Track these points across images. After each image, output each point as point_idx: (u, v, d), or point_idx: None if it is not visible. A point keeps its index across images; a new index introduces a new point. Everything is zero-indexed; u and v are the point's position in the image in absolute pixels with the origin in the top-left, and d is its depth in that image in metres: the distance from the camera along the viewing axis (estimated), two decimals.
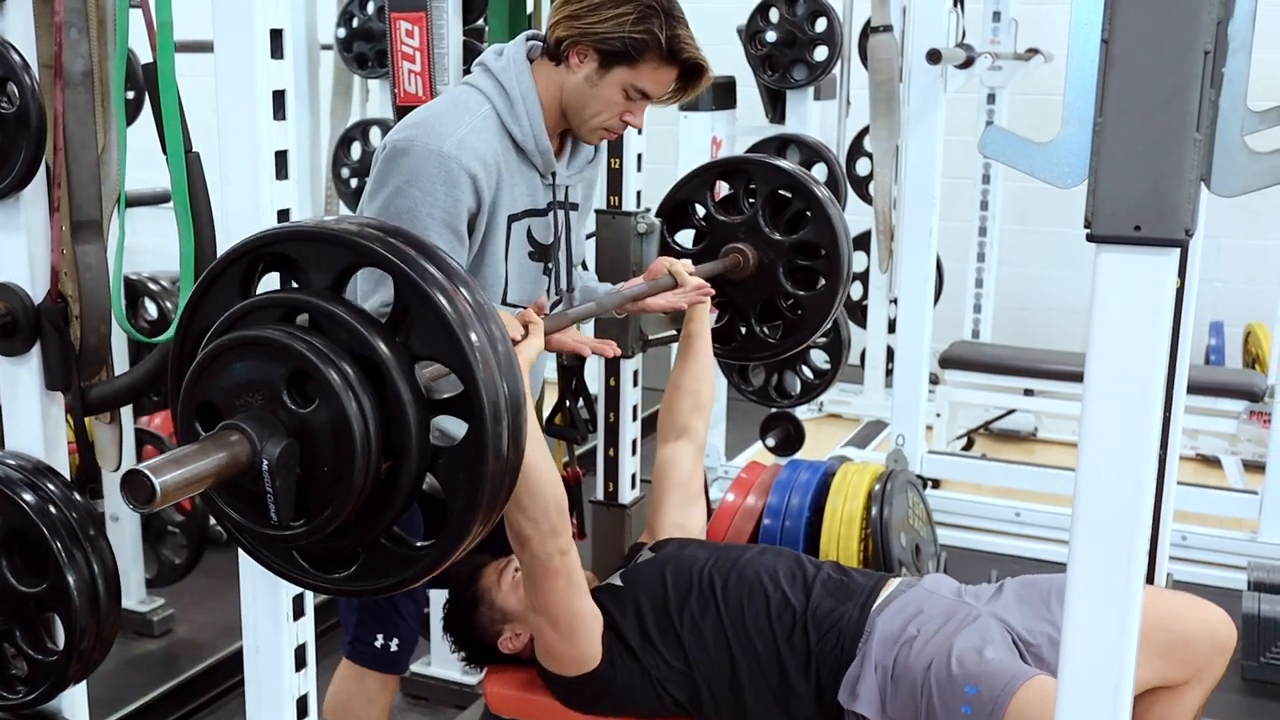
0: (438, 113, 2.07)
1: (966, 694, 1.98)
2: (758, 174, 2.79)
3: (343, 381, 1.35)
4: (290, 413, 1.37)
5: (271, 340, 1.38)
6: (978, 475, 4.37)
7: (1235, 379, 4.43)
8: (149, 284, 3.37)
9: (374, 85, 4.74)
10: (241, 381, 1.40)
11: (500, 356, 1.40)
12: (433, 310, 1.37)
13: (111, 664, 3.09)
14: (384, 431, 1.38)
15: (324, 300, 1.40)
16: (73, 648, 1.88)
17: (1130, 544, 1.28)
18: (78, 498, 1.91)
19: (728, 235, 2.78)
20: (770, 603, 2.18)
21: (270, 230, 1.48)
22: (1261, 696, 3.08)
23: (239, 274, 1.46)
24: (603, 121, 2.14)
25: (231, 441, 1.35)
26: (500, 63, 2.14)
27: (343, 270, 1.42)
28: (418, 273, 1.37)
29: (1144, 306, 1.24)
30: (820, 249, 2.74)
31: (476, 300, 1.41)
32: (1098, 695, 1.31)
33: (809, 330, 2.81)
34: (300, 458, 1.37)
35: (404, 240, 1.41)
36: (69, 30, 1.85)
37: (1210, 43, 1.16)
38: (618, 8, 2.05)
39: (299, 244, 1.43)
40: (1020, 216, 5.48)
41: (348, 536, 1.44)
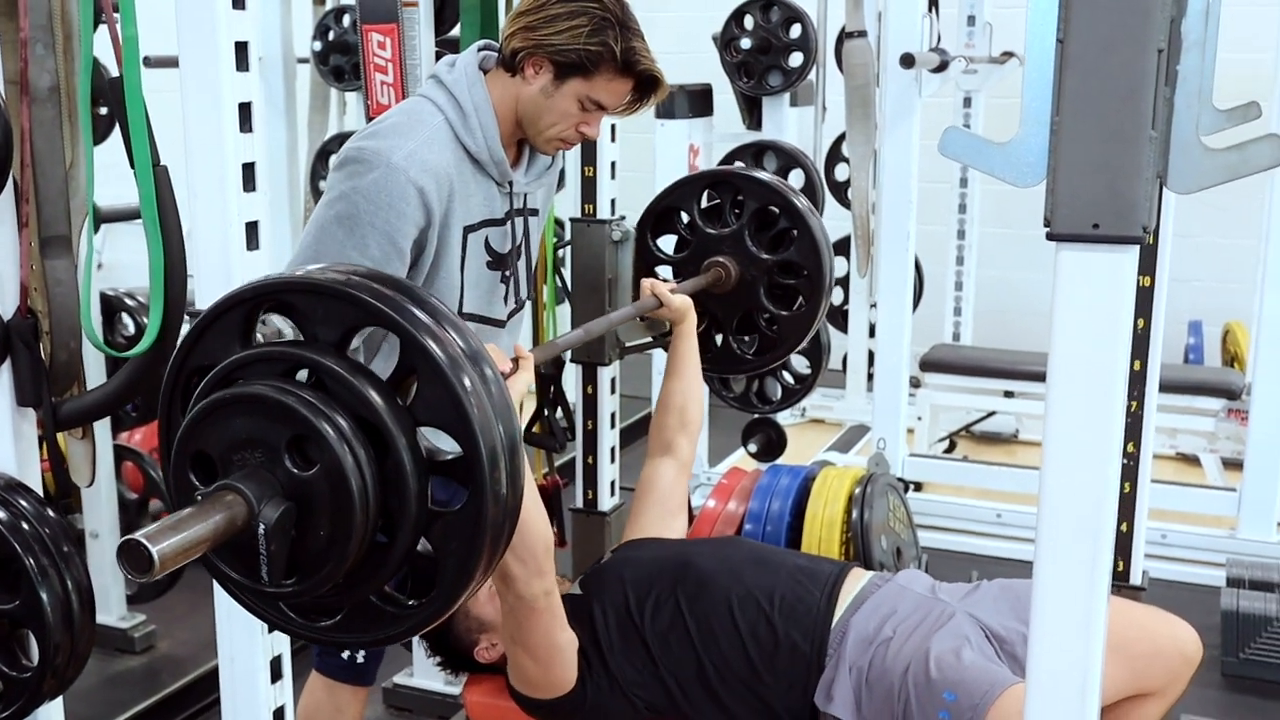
0: (392, 124, 2.07)
1: (945, 700, 1.98)
2: (747, 188, 2.79)
3: (346, 449, 1.33)
4: (289, 474, 1.35)
5: (275, 401, 1.35)
6: (959, 477, 4.38)
7: (1213, 377, 4.46)
8: (125, 299, 3.36)
9: (351, 98, 4.74)
10: (240, 437, 1.37)
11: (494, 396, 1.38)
12: (444, 386, 1.35)
13: (92, 680, 3.10)
14: (383, 496, 1.36)
15: (328, 358, 1.38)
16: (47, 664, 1.88)
17: (1095, 541, 1.28)
18: (51, 514, 1.91)
19: (710, 246, 2.78)
20: (732, 595, 2.17)
21: (279, 279, 1.45)
22: (1240, 692, 3.09)
23: (240, 318, 1.44)
24: (558, 133, 2.14)
25: (228, 503, 1.33)
26: (452, 74, 2.14)
27: (349, 329, 1.39)
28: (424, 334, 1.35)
29: (1104, 303, 1.24)
30: (803, 269, 2.74)
31: (468, 345, 1.39)
32: (1065, 695, 1.32)
33: (784, 349, 2.82)
34: (297, 522, 1.36)
35: (414, 303, 1.39)
36: (34, 46, 1.85)
37: (1163, 41, 1.17)
38: (573, 20, 2.05)
39: (307, 296, 1.41)
40: (999, 219, 5.50)
41: (337, 595, 1.43)
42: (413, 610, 1.43)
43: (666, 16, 6.05)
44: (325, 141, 4.61)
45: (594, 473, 3.25)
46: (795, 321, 2.77)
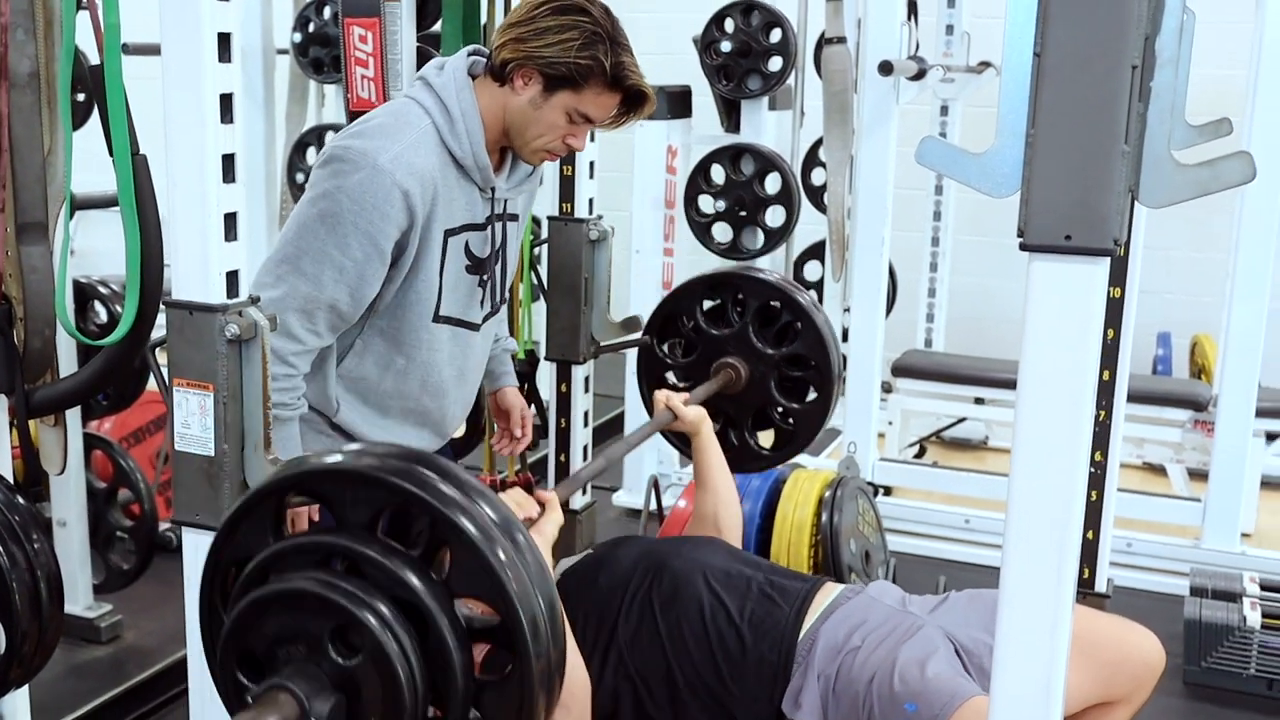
0: (379, 125, 2.08)
1: (906, 711, 1.99)
2: (746, 287, 2.82)
3: (389, 634, 1.35)
4: (335, 665, 1.37)
5: (313, 595, 1.38)
6: (929, 483, 4.41)
7: (1181, 389, 4.50)
8: (99, 287, 3.34)
9: (330, 90, 4.73)
10: (284, 633, 1.40)
11: (530, 565, 1.40)
12: (479, 559, 1.37)
13: (57, 670, 3.09)
14: (429, 674, 1.38)
15: (361, 544, 1.40)
16: (13, 652, 1.87)
17: (1061, 548, 1.30)
18: (21, 501, 1.90)
19: (717, 347, 2.79)
20: (704, 605, 2.18)
21: (300, 468, 1.49)
22: (1202, 700, 3.13)
23: (270, 510, 1.48)
24: (545, 144, 2.16)
25: (280, 703, 1.35)
26: (441, 78, 2.15)
27: (377, 510, 1.42)
28: (454, 510, 1.37)
29: (1075, 313, 1.26)
30: (810, 361, 2.75)
31: (497, 515, 1.41)
32: (1030, 699, 1.33)
33: (802, 440, 2.83)
34: (348, 711, 1.38)
35: (440, 477, 1.41)
36: (15, 31, 1.85)
37: (1138, 57, 1.19)
38: (564, 34, 2.07)
39: (334, 483, 1.45)
40: (973, 227, 5.54)
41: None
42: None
43: (647, 18, 6.06)
44: (303, 134, 4.60)
45: (567, 470, 3.26)
46: (809, 413, 2.78)
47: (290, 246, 2.05)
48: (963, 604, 2.26)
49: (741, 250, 3.96)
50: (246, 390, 1.78)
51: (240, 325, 1.75)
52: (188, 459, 1.80)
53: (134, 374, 3.29)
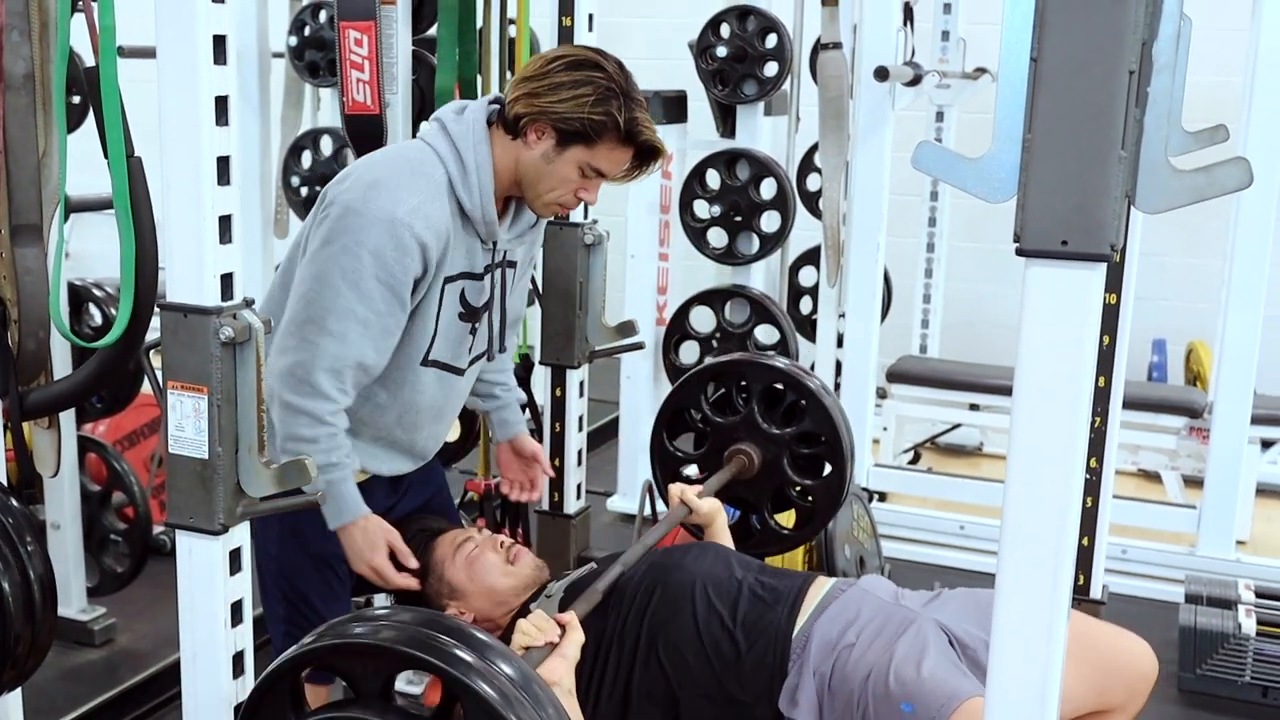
0: (394, 174, 2.09)
1: (903, 711, 1.99)
2: (748, 373, 2.81)
3: None
4: None
5: None
6: (923, 489, 4.41)
7: (1176, 395, 4.50)
8: (94, 290, 3.33)
9: (325, 94, 4.71)
10: None
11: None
12: (477, 699, 1.45)
13: (51, 673, 3.08)
14: None
15: (376, 715, 1.51)
16: (7, 654, 1.87)
17: (1057, 555, 1.30)
18: (14, 503, 1.90)
19: (727, 435, 2.79)
20: (697, 613, 2.18)
21: (313, 646, 1.57)
22: (1197, 708, 3.13)
23: (287, 688, 1.56)
24: (556, 197, 2.17)
25: None
26: (459, 127, 2.15)
27: (391, 675, 1.52)
28: (462, 670, 1.47)
29: (1070, 320, 1.26)
30: (820, 437, 2.74)
31: (516, 671, 1.51)
32: (1025, 706, 1.33)
33: (823, 516, 2.80)
34: None
35: (447, 633, 1.51)
36: (10, 33, 1.85)
37: (1135, 63, 1.19)
38: (578, 89, 2.07)
39: (345, 657, 1.54)
40: (968, 233, 5.54)
41: None
42: None
43: (643, 23, 6.08)
44: (298, 137, 4.58)
45: (560, 476, 3.26)
46: (827, 488, 2.76)
47: (314, 306, 2.06)
48: (957, 599, 2.26)
49: (736, 255, 3.96)
50: (241, 393, 1.77)
51: (234, 328, 1.75)
52: (181, 462, 1.80)
53: (128, 377, 3.28)
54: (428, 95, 3.00)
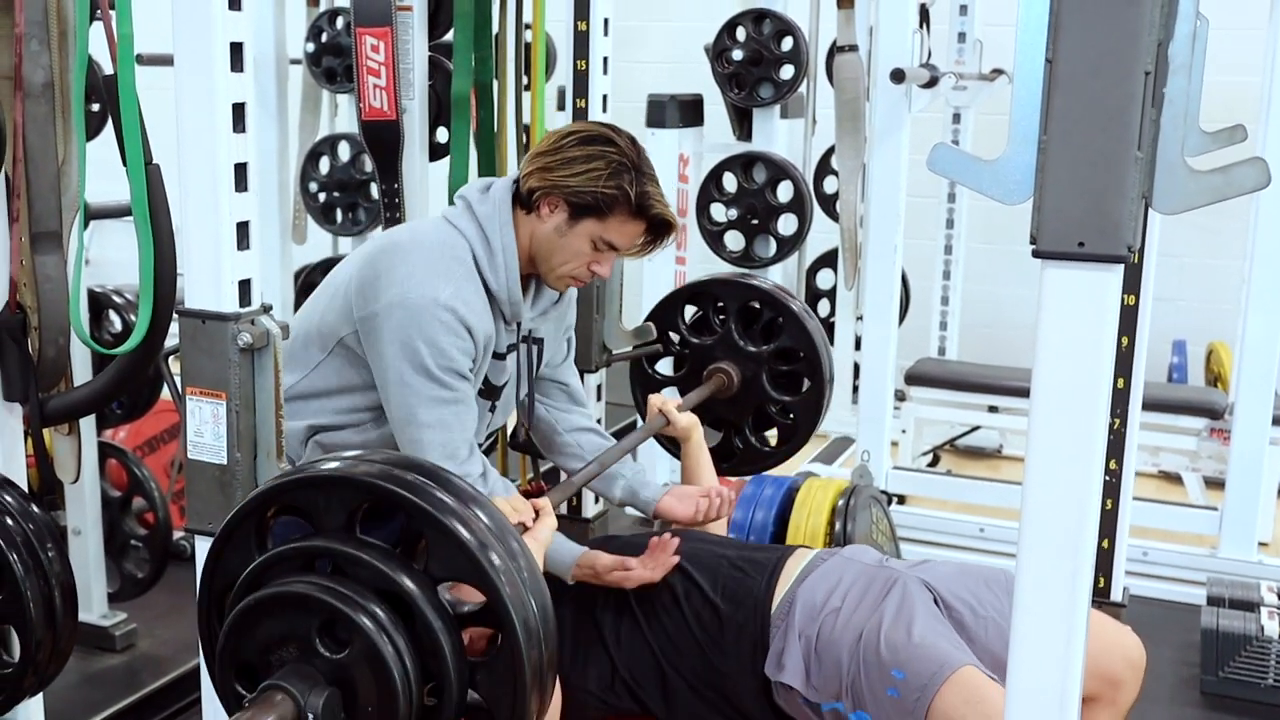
0: (427, 261, 2.11)
1: (894, 678, 2.00)
2: (723, 293, 2.84)
3: (373, 623, 1.39)
4: (326, 660, 1.41)
5: (297, 594, 1.42)
6: (943, 491, 4.40)
7: (1196, 396, 4.48)
8: (114, 296, 3.35)
9: (342, 100, 4.74)
10: (274, 637, 1.44)
11: (523, 569, 1.44)
12: (452, 540, 1.40)
13: (72, 678, 3.09)
14: (420, 660, 1.41)
15: (339, 543, 1.45)
16: (28, 660, 1.88)
17: (1076, 557, 1.29)
18: (35, 510, 1.90)
19: (706, 356, 2.81)
20: (677, 587, 2.20)
21: (275, 482, 1.53)
22: (1219, 710, 3.11)
23: (252, 527, 1.51)
24: (570, 270, 2.19)
25: (276, 703, 1.38)
26: (485, 208, 2.18)
27: (354, 509, 1.45)
28: (430, 503, 1.41)
29: (1088, 321, 1.26)
30: (799, 352, 2.77)
31: (493, 520, 1.45)
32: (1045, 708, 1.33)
33: (804, 432, 2.84)
34: (343, 705, 1.41)
35: (412, 470, 1.45)
36: (29, 42, 1.86)
37: (1151, 63, 1.18)
38: (590, 163, 2.12)
39: (306, 491, 1.48)
40: (986, 235, 5.53)
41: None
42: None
43: (660, 26, 6.08)
44: (316, 143, 4.61)
45: None
46: (806, 403, 2.79)
47: (403, 407, 2.10)
48: (945, 566, 2.27)
49: (753, 259, 3.95)
50: (259, 398, 1.78)
51: (253, 334, 1.76)
52: (200, 467, 1.81)
53: (148, 383, 3.30)
54: (444, 101, 3.01)
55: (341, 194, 4.50)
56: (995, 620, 2.12)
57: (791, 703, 2.11)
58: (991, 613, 2.14)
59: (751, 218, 3.94)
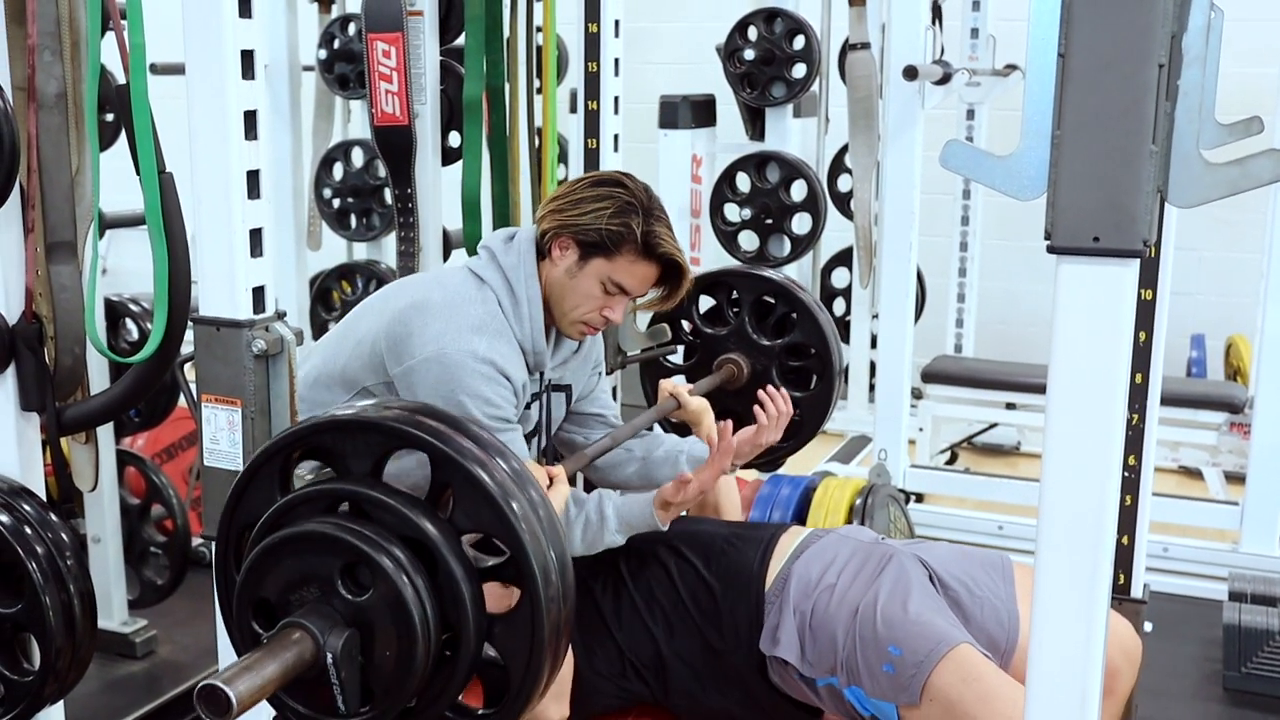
0: (459, 316, 2.11)
1: (890, 654, 2.00)
2: (739, 285, 2.85)
3: (396, 566, 1.39)
4: (347, 602, 1.41)
5: (321, 534, 1.42)
6: (961, 489, 4.38)
7: (1216, 391, 4.46)
8: (130, 305, 3.36)
9: (355, 106, 4.75)
10: (295, 577, 1.44)
11: (543, 520, 1.44)
12: (474, 485, 1.41)
13: (93, 685, 3.10)
14: (440, 609, 1.41)
15: (365, 487, 1.45)
16: (49, 668, 1.88)
17: (1095, 553, 1.29)
18: (54, 519, 1.91)
19: (717, 347, 2.82)
20: (670, 567, 2.21)
21: (303, 424, 1.53)
22: (1242, 707, 3.09)
23: (277, 468, 1.51)
24: (581, 315, 2.20)
25: (295, 640, 1.38)
26: (510, 259, 2.19)
27: (380, 455, 1.46)
28: (454, 449, 1.42)
29: (1104, 316, 1.25)
30: (809, 348, 2.77)
31: (514, 468, 1.45)
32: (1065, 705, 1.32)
33: (810, 429, 2.84)
34: (362, 647, 1.41)
35: (437, 419, 1.46)
36: (42, 53, 1.86)
37: (1164, 56, 1.18)
38: (599, 203, 2.14)
39: (333, 434, 1.48)
40: (1001, 231, 5.51)
41: (413, 714, 1.47)
42: (493, 716, 1.47)
43: (671, 27, 6.07)
44: (330, 149, 4.62)
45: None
46: (814, 400, 2.80)
47: None
48: (944, 547, 2.28)
49: (768, 258, 3.95)
50: (274, 405, 1.79)
51: (267, 340, 1.76)
52: (217, 474, 1.81)
53: (164, 390, 3.31)
54: (456, 105, 3.01)
55: (355, 200, 4.51)
56: (990, 601, 2.12)
57: (787, 679, 2.11)
58: (987, 594, 2.14)
59: (765, 217, 3.93)
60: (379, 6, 2.65)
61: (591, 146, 3.00)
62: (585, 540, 2.14)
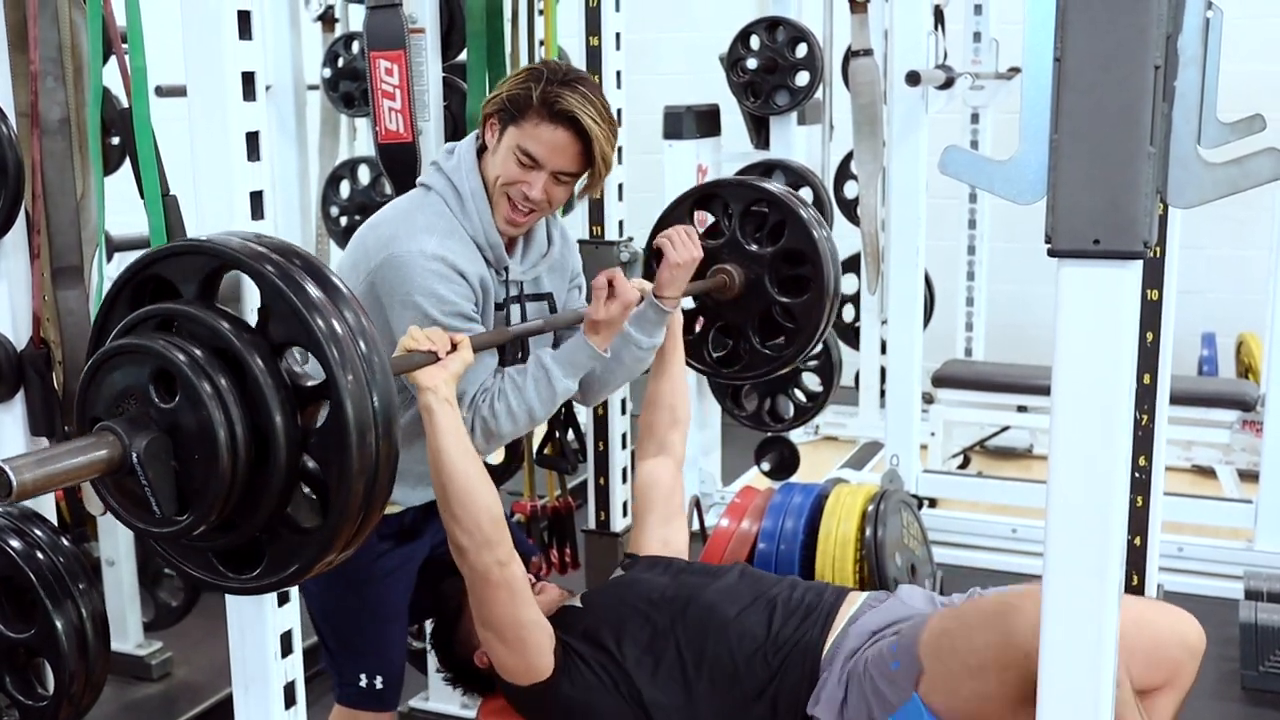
0: (406, 220, 2.13)
1: (891, 651, 2.03)
2: (730, 194, 2.83)
3: (196, 369, 1.43)
4: (159, 410, 1.45)
5: (132, 346, 1.47)
6: (974, 493, 4.37)
7: (1227, 389, 4.44)
8: None
9: (361, 123, 4.77)
10: (116, 391, 1.49)
11: (358, 337, 1.46)
12: (281, 298, 1.44)
13: (110, 708, 3.11)
14: (248, 416, 1.45)
15: (185, 305, 1.50)
16: (63, 693, 1.88)
17: (1103, 555, 1.28)
18: (65, 543, 1.91)
19: (714, 259, 2.79)
20: (728, 631, 2.15)
21: (146, 254, 1.57)
22: (1260, 705, 3.07)
23: (127, 299, 1.56)
24: (504, 189, 2.16)
25: (102, 440, 1.43)
26: (451, 161, 2.20)
27: (204, 276, 1.50)
28: (270, 266, 1.45)
29: (1107, 318, 1.25)
30: (803, 254, 2.76)
31: (333, 286, 1.48)
32: (1078, 705, 1.31)
33: (807, 335, 2.81)
34: (174, 451, 1.44)
35: (266, 245, 1.49)
36: (45, 79, 1.88)
37: (1160, 58, 1.18)
38: (516, 77, 2.16)
39: (164, 262, 1.53)
40: (1009, 234, 5.50)
41: (242, 527, 1.50)
42: (320, 529, 1.49)
43: (672, 39, 6.09)
44: (336, 167, 4.64)
45: (606, 494, 3.25)
46: (809, 306, 2.77)
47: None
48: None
49: None
50: None
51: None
52: None
53: None
54: (460, 121, 3.02)
55: (363, 217, 4.47)
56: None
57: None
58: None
59: None
60: (380, 25, 2.66)
61: None
62: (541, 396, 2.15)
